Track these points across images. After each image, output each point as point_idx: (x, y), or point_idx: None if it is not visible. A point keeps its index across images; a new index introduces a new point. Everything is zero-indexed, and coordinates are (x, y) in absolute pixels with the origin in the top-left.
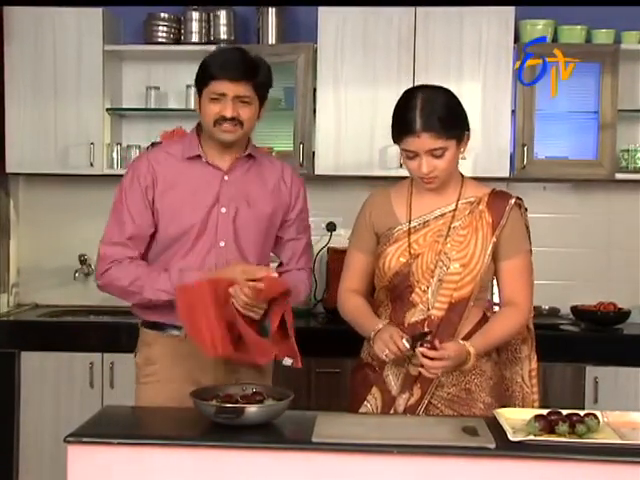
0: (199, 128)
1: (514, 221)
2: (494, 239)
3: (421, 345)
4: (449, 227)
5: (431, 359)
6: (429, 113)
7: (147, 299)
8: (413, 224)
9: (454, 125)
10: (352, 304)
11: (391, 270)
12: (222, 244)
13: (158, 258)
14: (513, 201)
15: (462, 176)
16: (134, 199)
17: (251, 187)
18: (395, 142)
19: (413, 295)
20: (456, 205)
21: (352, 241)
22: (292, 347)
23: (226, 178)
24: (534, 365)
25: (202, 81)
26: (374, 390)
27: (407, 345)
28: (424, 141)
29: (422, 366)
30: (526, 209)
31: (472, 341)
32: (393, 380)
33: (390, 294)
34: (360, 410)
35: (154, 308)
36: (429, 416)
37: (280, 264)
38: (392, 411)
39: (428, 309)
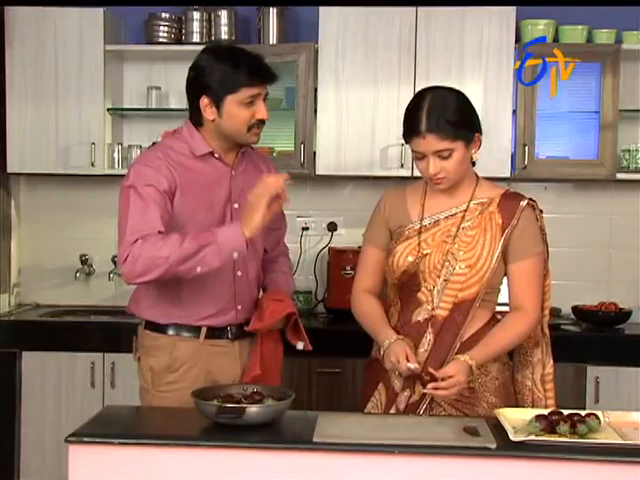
0: (195, 126)
1: (525, 223)
2: (503, 240)
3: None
4: (458, 227)
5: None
6: (435, 114)
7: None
8: (424, 223)
9: (461, 127)
10: (366, 309)
11: (400, 268)
12: None
13: None
14: (525, 202)
15: (477, 177)
16: (156, 196)
17: (252, 180)
18: (406, 142)
19: (419, 294)
20: (467, 206)
21: (367, 236)
22: (303, 336)
23: (233, 173)
24: (549, 370)
25: (228, 88)
26: (380, 386)
27: (413, 367)
28: (430, 142)
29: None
30: (541, 211)
31: (472, 353)
32: (397, 377)
33: (399, 292)
34: (367, 405)
35: (179, 305)
36: (429, 416)
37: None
38: (394, 407)
39: (433, 308)
